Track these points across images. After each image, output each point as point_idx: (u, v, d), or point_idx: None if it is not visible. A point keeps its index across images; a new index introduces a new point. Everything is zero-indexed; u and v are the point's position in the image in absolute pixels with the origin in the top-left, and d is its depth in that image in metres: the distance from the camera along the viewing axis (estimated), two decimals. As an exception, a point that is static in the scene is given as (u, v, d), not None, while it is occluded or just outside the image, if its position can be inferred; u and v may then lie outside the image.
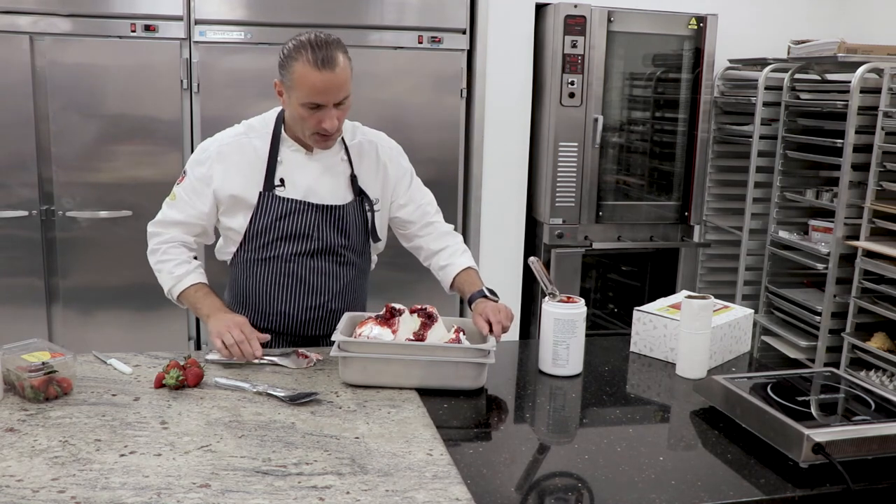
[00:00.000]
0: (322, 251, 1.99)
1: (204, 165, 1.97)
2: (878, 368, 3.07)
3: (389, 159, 2.08)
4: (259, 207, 1.95)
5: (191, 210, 1.99)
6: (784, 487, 1.38)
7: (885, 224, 2.95)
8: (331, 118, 1.84)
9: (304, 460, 1.41)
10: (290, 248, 1.97)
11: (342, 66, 1.82)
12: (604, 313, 4.02)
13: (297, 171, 1.97)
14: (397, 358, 1.74)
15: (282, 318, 2.02)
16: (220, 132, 2.03)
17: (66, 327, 3.24)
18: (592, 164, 3.59)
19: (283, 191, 1.95)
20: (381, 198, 2.07)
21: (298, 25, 3.23)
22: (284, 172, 1.96)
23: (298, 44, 1.83)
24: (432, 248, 2.13)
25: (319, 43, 1.81)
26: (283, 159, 1.96)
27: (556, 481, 1.43)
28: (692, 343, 1.89)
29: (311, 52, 1.79)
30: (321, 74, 1.79)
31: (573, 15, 3.44)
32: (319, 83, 1.80)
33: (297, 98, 1.84)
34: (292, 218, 1.95)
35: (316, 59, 1.79)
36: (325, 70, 1.79)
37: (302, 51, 1.81)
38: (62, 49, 3.07)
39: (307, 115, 1.85)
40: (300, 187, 1.96)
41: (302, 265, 1.99)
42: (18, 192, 3.12)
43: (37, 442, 1.45)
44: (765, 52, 3.62)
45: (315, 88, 1.80)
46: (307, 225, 1.96)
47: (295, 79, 1.82)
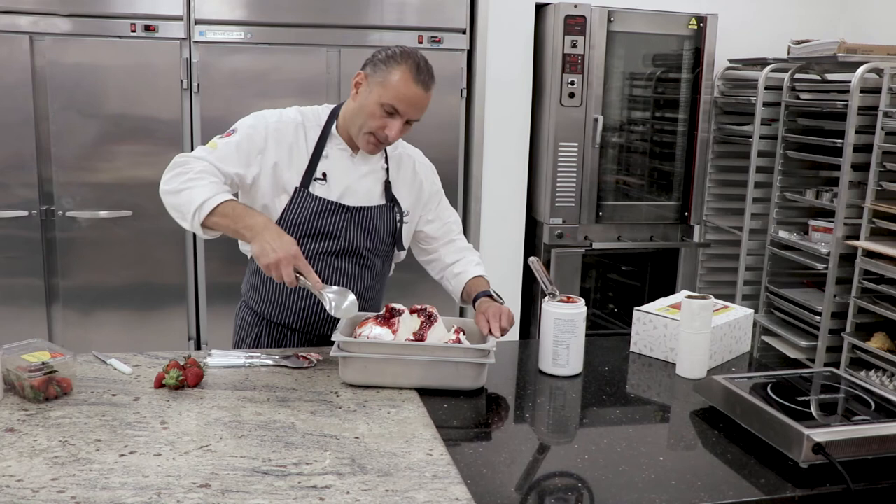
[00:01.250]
0: (347, 252, 2.00)
1: (259, 131, 1.92)
2: (878, 368, 3.07)
3: (425, 176, 2.12)
4: (292, 202, 1.95)
5: (230, 158, 1.89)
6: (784, 487, 1.38)
7: (885, 224, 2.95)
8: (397, 129, 1.88)
9: (304, 460, 1.41)
10: (317, 247, 1.98)
11: (430, 93, 1.90)
12: (604, 313, 4.02)
13: (340, 169, 1.98)
14: (397, 358, 1.74)
15: (300, 314, 2.03)
16: (277, 110, 1.98)
17: (66, 327, 3.24)
18: (592, 164, 3.59)
19: (322, 185, 1.96)
20: (412, 210, 2.10)
21: (298, 25, 3.24)
22: (328, 167, 1.97)
23: (406, 53, 1.88)
24: (447, 260, 2.16)
25: (425, 63, 1.89)
26: (329, 154, 1.98)
27: (556, 481, 1.43)
28: (692, 343, 1.89)
29: (417, 66, 1.87)
30: (416, 88, 1.86)
31: (573, 15, 3.44)
32: (410, 94, 1.86)
33: (379, 96, 1.87)
34: (323, 217, 1.96)
35: (418, 74, 1.86)
36: (420, 87, 1.86)
37: (409, 60, 1.87)
38: (62, 49, 3.07)
39: (378, 114, 1.88)
40: (340, 185, 1.97)
41: (326, 265, 2.00)
42: (18, 192, 3.12)
43: (37, 442, 1.45)
44: (765, 52, 3.62)
45: (404, 96, 1.86)
46: (336, 226, 1.97)
47: (390, 79, 1.86)
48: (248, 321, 2.11)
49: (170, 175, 1.85)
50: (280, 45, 3.23)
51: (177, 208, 1.82)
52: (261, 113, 1.99)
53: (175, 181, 1.83)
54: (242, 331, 2.12)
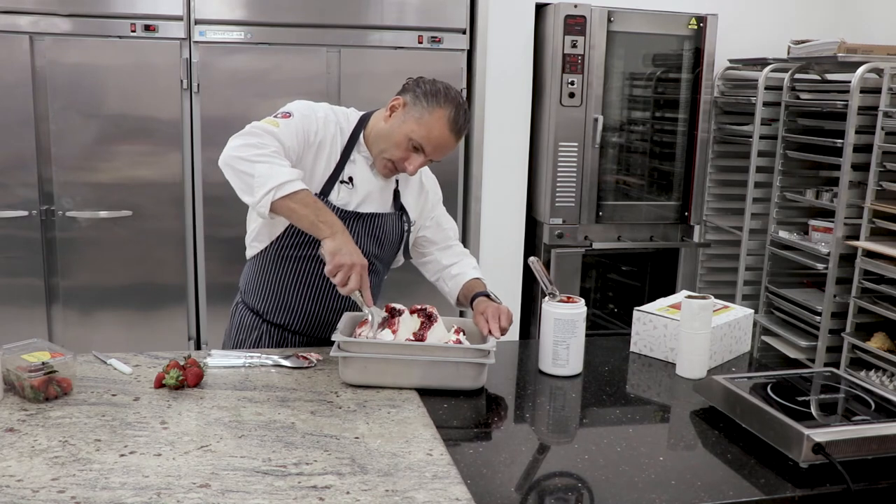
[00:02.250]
0: None
1: (311, 123, 1.89)
2: (878, 368, 3.07)
3: (430, 187, 2.14)
4: None
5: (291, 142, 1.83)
6: (784, 487, 1.38)
7: (885, 224, 2.95)
8: (417, 164, 1.90)
9: (304, 460, 1.41)
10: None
11: (461, 139, 1.93)
12: (604, 313, 4.02)
13: (363, 176, 1.97)
14: (398, 358, 1.74)
15: (304, 316, 2.02)
16: (318, 103, 1.95)
17: (66, 327, 3.24)
18: (592, 164, 3.59)
19: (348, 189, 1.94)
20: (417, 219, 2.10)
21: (298, 25, 3.24)
22: (354, 172, 1.96)
23: (450, 98, 1.87)
24: (444, 262, 2.16)
25: (464, 109, 1.89)
26: (356, 159, 1.97)
27: (556, 481, 1.43)
28: (692, 343, 1.89)
29: (457, 114, 1.87)
30: (450, 136, 1.87)
31: (573, 15, 3.44)
32: (442, 140, 1.87)
33: (411, 131, 1.86)
34: None
35: (456, 122, 1.87)
36: (454, 135, 1.88)
37: (451, 106, 1.86)
38: (62, 49, 3.07)
39: (405, 146, 1.88)
40: (362, 191, 1.96)
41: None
42: (18, 192, 3.12)
43: (37, 442, 1.45)
44: (765, 52, 3.62)
45: (436, 141, 1.86)
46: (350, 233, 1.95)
47: (427, 119, 1.85)
48: (248, 323, 2.07)
49: (242, 142, 1.77)
50: (280, 45, 3.23)
51: (245, 178, 1.74)
52: (309, 103, 1.94)
53: (251, 150, 1.75)
54: (241, 334, 2.08)
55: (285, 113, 1.88)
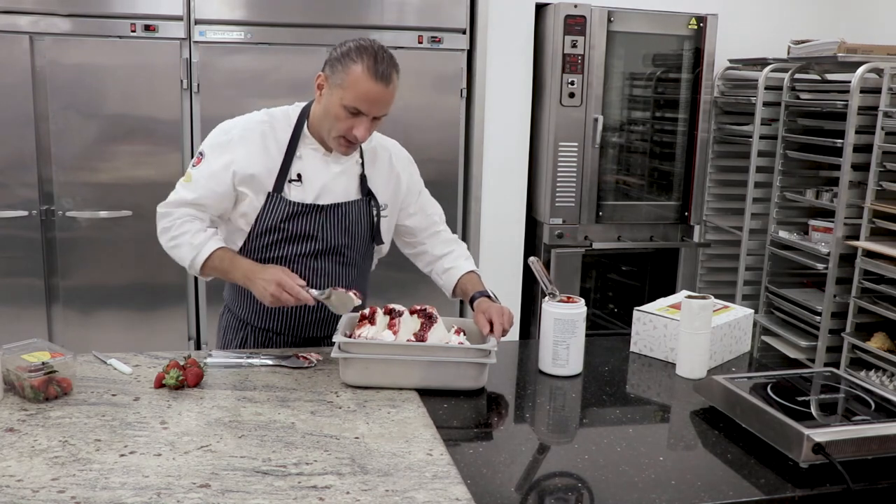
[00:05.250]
0: (325, 252, 1.98)
1: (225, 148, 1.92)
2: (878, 368, 3.07)
3: (402, 169, 2.09)
4: (265, 208, 1.93)
5: (206, 191, 1.92)
6: (784, 487, 1.38)
7: (885, 224, 2.95)
8: (363, 128, 1.84)
9: (304, 460, 1.41)
10: (294, 250, 1.96)
11: (394, 85, 1.85)
12: (604, 313, 4.02)
13: (315, 169, 1.95)
14: (400, 359, 1.74)
15: (283, 317, 2.02)
16: (241, 116, 1.98)
17: (66, 327, 3.24)
18: (592, 164, 3.59)
19: (298, 187, 1.93)
20: (390, 204, 2.07)
21: (298, 25, 3.24)
22: (302, 168, 1.94)
23: (361, 48, 1.83)
24: (436, 253, 2.14)
25: (381, 55, 1.82)
26: (302, 155, 1.95)
27: (556, 481, 1.43)
28: (692, 343, 1.89)
29: (374, 61, 1.80)
30: (375, 85, 1.80)
31: (573, 15, 3.44)
32: (371, 93, 1.80)
33: (340, 98, 1.83)
34: (297, 220, 1.94)
35: (376, 70, 1.80)
36: (380, 83, 1.81)
37: (364, 56, 1.81)
38: (62, 49, 3.07)
39: (343, 117, 1.84)
40: (315, 185, 1.95)
41: (305, 266, 1.97)
42: (18, 192, 3.12)
43: (37, 442, 1.45)
44: (765, 52, 3.62)
45: (365, 96, 1.81)
46: (312, 227, 1.95)
47: (348, 80, 1.81)
48: (233, 325, 2.08)
49: (159, 231, 1.99)
50: (280, 45, 3.23)
51: (178, 262, 1.97)
52: (223, 126, 1.97)
53: (164, 238, 1.98)
54: (228, 335, 2.10)
55: (199, 155, 1.96)
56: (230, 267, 1.90)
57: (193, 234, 1.93)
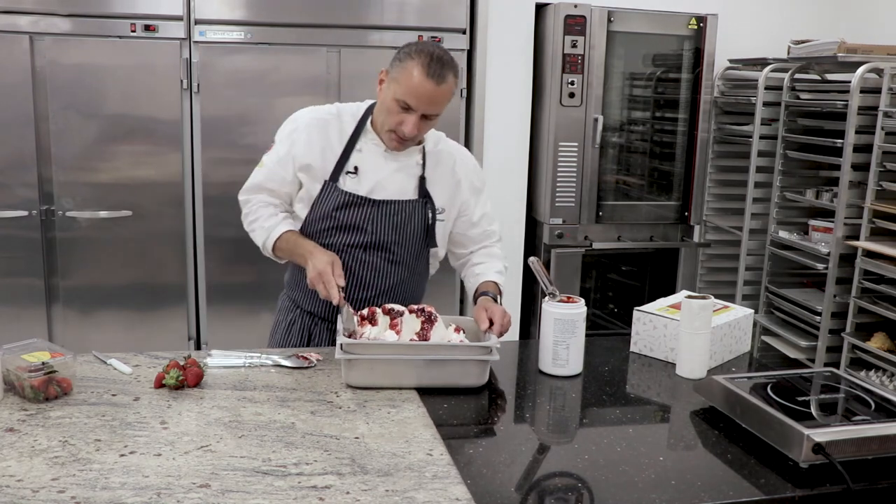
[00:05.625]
0: (374, 246, 2.02)
1: (289, 136, 2.02)
2: (878, 368, 3.07)
3: (465, 176, 2.13)
4: (321, 195, 2.00)
5: (273, 175, 2.03)
6: (784, 487, 1.38)
7: (885, 224, 2.95)
8: (412, 124, 1.90)
9: (304, 460, 1.41)
10: (344, 239, 2.01)
11: (446, 86, 1.90)
12: (604, 313, 4.02)
13: (373, 163, 2.01)
14: (406, 359, 1.74)
15: (328, 304, 2.04)
16: (312, 107, 2.07)
17: (66, 327, 3.24)
18: (592, 164, 3.59)
19: (353, 179, 2.00)
20: (447, 209, 2.10)
21: (298, 25, 3.24)
22: (360, 161, 2.00)
23: (421, 47, 1.91)
24: (474, 261, 2.18)
25: (439, 57, 1.89)
26: (362, 148, 2.01)
27: (556, 481, 1.43)
28: (692, 343, 1.88)
29: (429, 59, 1.87)
30: (426, 81, 1.86)
31: (573, 15, 3.44)
32: (421, 88, 1.86)
33: (394, 91, 1.89)
34: (349, 210, 1.99)
35: (430, 67, 1.86)
36: (431, 80, 1.86)
37: (422, 55, 1.87)
38: (62, 49, 3.07)
39: (395, 111, 1.91)
40: (370, 179, 2.00)
41: (353, 257, 2.02)
42: (18, 192, 3.12)
43: (37, 442, 1.45)
44: (765, 52, 3.62)
45: (414, 91, 1.86)
46: (363, 218, 2.00)
47: (403, 74, 1.88)
48: (286, 307, 2.17)
49: (242, 217, 2.11)
50: (280, 45, 3.23)
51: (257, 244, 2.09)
52: (294, 114, 2.07)
53: (245, 223, 2.10)
54: (280, 315, 2.19)
55: (271, 143, 2.07)
56: (294, 247, 1.99)
57: (266, 218, 2.04)
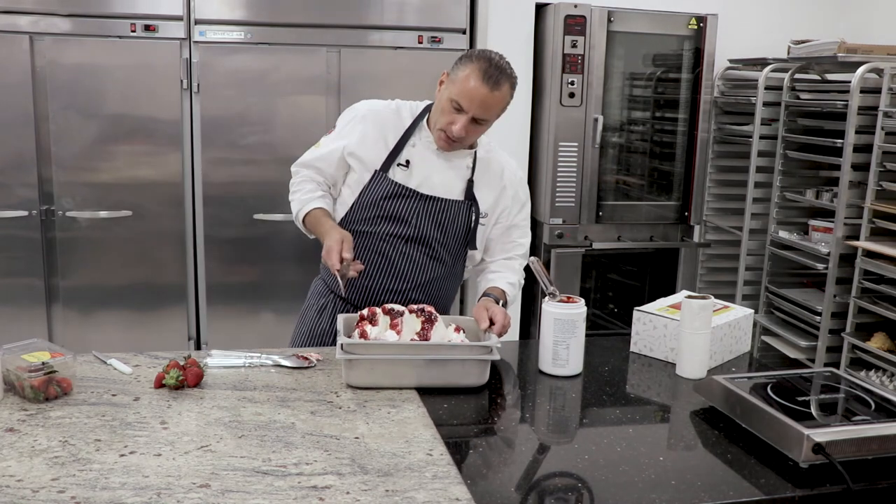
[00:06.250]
0: (416, 240, 2.05)
1: (347, 124, 2.09)
2: (878, 368, 3.07)
3: (511, 184, 2.16)
4: (370, 183, 2.04)
5: (327, 155, 2.09)
6: (784, 487, 1.38)
7: (885, 224, 2.95)
8: (461, 125, 1.94)
9: (304, 460, 1.41)
10: (388, 229, 2.05)
11: (501, 93, 1.94)
12: (604, 313, 4.01)
13: (424, 159, 2.05)
14: (407, 358, 1.74)
15: (363, 292, 2.08)
16: (374, 100, 2.15)
17: (66, 327, 3.24)
18: (592, 164, 3.59)
19: (404, 171, 2.04)
20: (490, 214, 2.13)
21: (298, 25, 3.24)
22: (412, 155, 2.05)
23: (482, 52, 1.97)
24: (492, 267, 2.19)
25: (497, 64, 1.94)
26: (416, 144, 2.06)
27: (556, 481, 1.43)
28: (692, 343, 1.88)
29: (487, 64, 1.92)
30: (481, 85, 1.91)
31: (573, 15, 3.44)
32: (475, 91, 1.91)
33: (450, 92, 1.95)
34: (395, 201, 2.03)
35: (486, 72, 1.91)
36: (486, 85, 1.91)
37: (481, 60, 1.93)
38: (62, 49, 3.07)
39: (448, 110, 1.96)
40: (420, 173, 2.04)
41: (394, 247, 2.05)
42: (18, 192, 3.12)
43: (37, 442, 1.45)
44: (765, 52, 3.62)
45: (468, 93, 1.91)
46: (408, 211, 2.03)
47: (460, 76, 1.94)
48: (319, 290, 2.21)
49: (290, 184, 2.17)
50: (280, 45, 3.23)
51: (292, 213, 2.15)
52: (356, 105, 2.14)
53: (290, 191, 2.15)
54: (311, 299, 2.22)
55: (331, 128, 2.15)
56: (317, 224, 2.04)
57: (305, 192, 2.10)
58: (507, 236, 2.19)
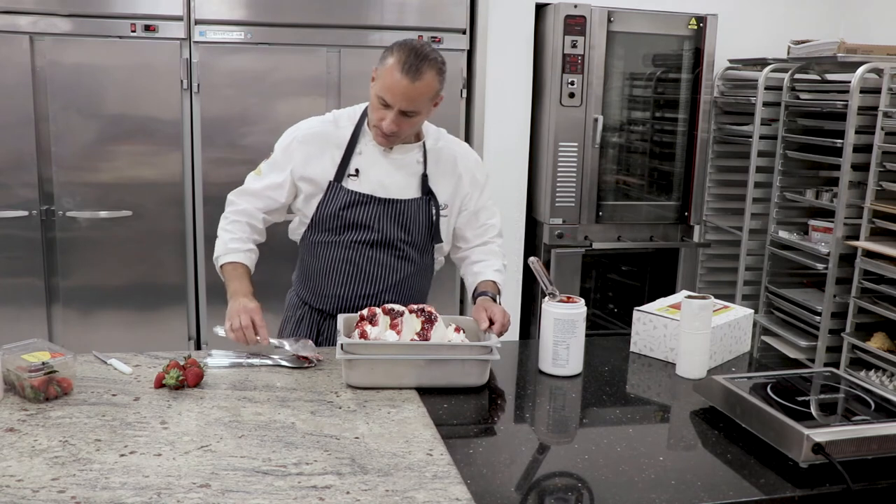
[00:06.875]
0: (382, 243, 2.04)
1: (287, 149, 2.05)
2: (878, 368, 3.07)
3: (466, 170, 2.14)
4: (326, 195, 2.03)
5: (268, 183, 2.06)
6: (784, 487, 1.38)
7: (885, 224, 2.95)
8: (390, 120, 1.91)
9: (304, 460, 1.41)
10: (352, 236, 2.04)
11: (423, 82, 1.90)
12: (604, 313, 4.01)
13: (373, 164, 2.03)
14: (407, 358, 1.74)
15: (336, 301, 2.08)
16: (310, 118, 2.10)
17: (66, 327, 3.24)
18: (592, 164, 3.59)
19: (355, 181, 2.02)
20: (450, 204, 2.12)
21: (298, 25, 3.24)
22: (360, 163, 2.03)
23: (402, 43, 1.92)
24: (473, 258, 2.18)
25: (418, 53, 1.89)
26: (363, 150, 2.03)
27: (556, 481, 1.43)
28: (692, 343, 1.89)
29: (406, 55, 1.88)
30: (401, 78, 1.87)
31: (573, 15, 3.44)
32: (395, 84, 1.87)
33: (376, 88, 1.92)
34: (355, 209, 2.02)
35: (404, 64, 1.87)
36: (406, 76, 1.87)
37: (401, 51, 1.89)
38: (62, 49, 3.07)
39: (377, 106, 1.93)
40: (372, 180, 2.03)
41: (361, 254, 2.04)
42: (18, 192, 3.12)
43: (37, 442, 1.45)
44: (765, 52, 3.62)
45: (390, 87, 1.88)
46: (369, 217, 2.02)
47: (382, 70, 1.90)
48: (294, 303, 2.20)
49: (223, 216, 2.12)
50: (280, 45, 3.23)
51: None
52: (293, 127, 2.10)
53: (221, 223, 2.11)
54: (288, 311, 2.22)
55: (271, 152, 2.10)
56: (232, 280, 2.01)
57: (234, 238, 2.07)
58: (476, 220, 2.17)
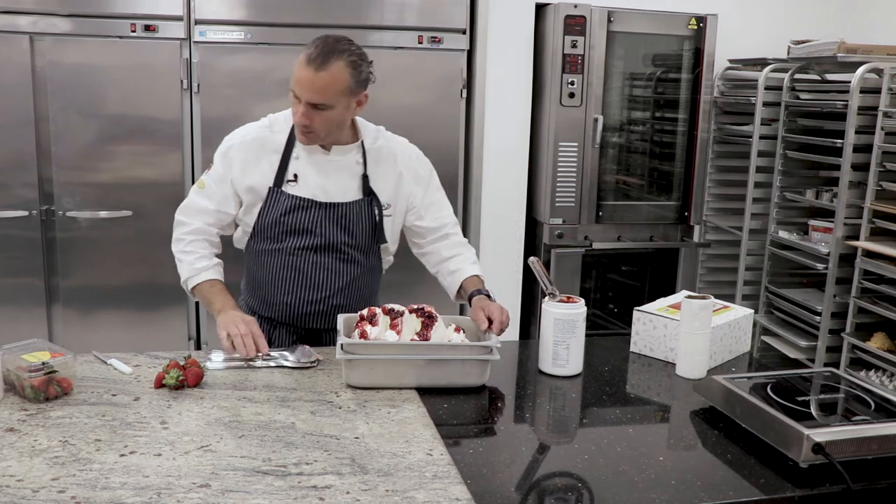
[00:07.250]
0: (326, 247, 2.02)
1: (225, 157, 2.02)
2: (878, 368, 3.07)
3: (407, 168, 2.10)
4: (267, 202, 2.00)
5: (216, 197, 2.03)
6: (784, 487, 1.38)
7: (885, 224, 2.95)
8: (300, 113, 1.88)
9: (304, 460, 1.41)
10: (295, 243, 2.01)
11: (329, 73, 1.85)
12: (604, 313, 4.01)
13: (311, 168, 2.00)
14: (407, 358, 1.74)
15: (285, 308, 2.06)
16: (246, 125, 2.07)
17: (66, 327, 3.24)
18: (592, 164, 3.59)
19: (294, 186, 2.00)
20: (393, 203, 2.09)
21: (298, 25, 3.24)
22: (298, 168, 2.00)
23: (317, 38, 1.89)
24: (443, 254, 2.15)
25: (329, 45, 1.86)
26: (300, 155, 2.00)
27: (556, 481, 1.43)
28: (692, 343, 1.89)
29: (314, 48, 1.86)
30: (305, 69, 1.85)
31: (573, 15, 3.44)
32: (301, 76, 1.86)
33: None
34: (297, 214, 1.99)
35: (310, 55, 1.85)
36: (309, 67, 1.84)
37: (311, 44, 1.88)
38: (62, 49, 3.07)
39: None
40: (311, 184, 2.00)
41: (305, 259, 2.02)
42: (18, 192, 3.12)
43: (37, 442, 1.45)
44: (765, 52, 3.62)
45: (296, 79, 1.87)
46: (311, 221, 2.00)
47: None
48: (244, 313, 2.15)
49: (173, 238, 2.07)
50: (280, 45, 3.23)
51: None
52: (227, 136, 2.06)
53: (175, 247, 2.06)
54: None
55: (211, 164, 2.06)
56: (214, 297, 2.00)
57: (198, 257, 2.04)
58: (427, 216, 2.13)
